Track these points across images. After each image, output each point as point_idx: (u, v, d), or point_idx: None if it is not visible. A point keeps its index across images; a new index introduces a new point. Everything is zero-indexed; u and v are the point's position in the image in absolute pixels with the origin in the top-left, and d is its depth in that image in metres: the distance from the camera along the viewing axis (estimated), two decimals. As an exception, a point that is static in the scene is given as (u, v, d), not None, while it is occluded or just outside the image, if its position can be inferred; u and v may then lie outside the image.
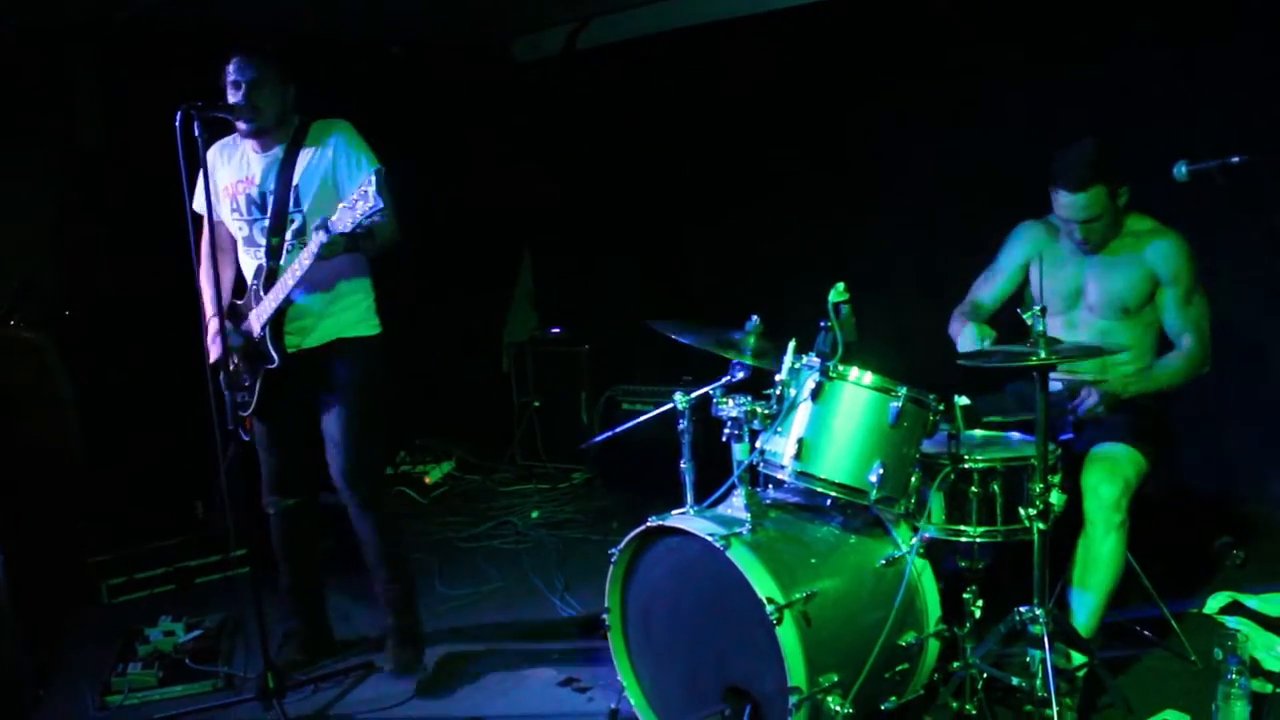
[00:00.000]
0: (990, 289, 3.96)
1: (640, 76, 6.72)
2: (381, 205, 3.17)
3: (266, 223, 3.61)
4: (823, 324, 3.24)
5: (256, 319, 3.60)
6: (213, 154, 3.73)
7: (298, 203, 3.59)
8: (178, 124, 3.21)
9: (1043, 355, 2.96)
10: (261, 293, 3.58)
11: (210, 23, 5.19)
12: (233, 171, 3.71)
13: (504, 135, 7.23)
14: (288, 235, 3.60)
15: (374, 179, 3.17)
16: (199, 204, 3.65)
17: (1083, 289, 3.73)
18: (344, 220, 3.27)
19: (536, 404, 6.68)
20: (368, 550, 3.90)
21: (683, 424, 3.38)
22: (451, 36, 6.70)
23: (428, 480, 6.43)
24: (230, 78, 3.53)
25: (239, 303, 3.70)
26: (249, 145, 3.68)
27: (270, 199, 3.60)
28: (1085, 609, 3.43)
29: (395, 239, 3.60)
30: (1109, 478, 3.40)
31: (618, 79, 6.83)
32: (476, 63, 7.06)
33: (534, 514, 5.84)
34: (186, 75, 3.77)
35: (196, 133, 3.25)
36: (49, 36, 5.22)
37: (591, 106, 7.07)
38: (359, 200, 3.21)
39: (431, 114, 6.66)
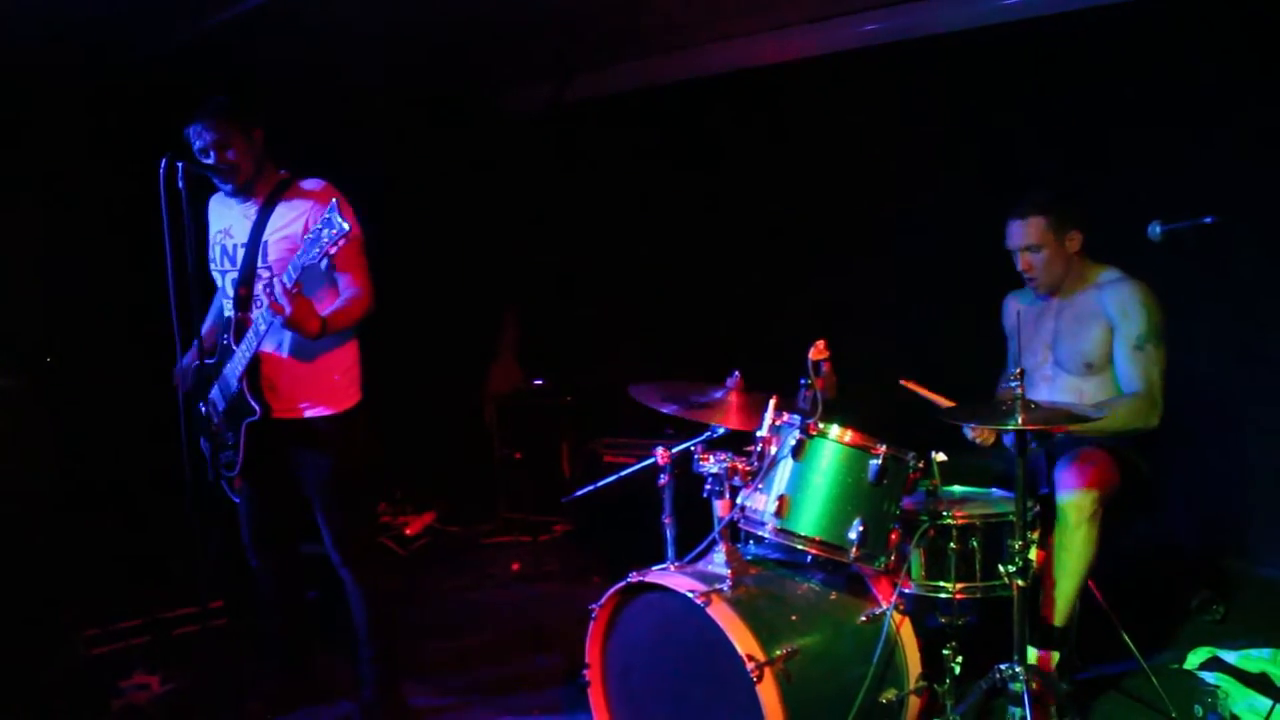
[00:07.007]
0: (1009, 359, 4.13)
1: (624, 131, 6.79)
2: (347, 229, 3.14)
3: (235, 275, 3.60)
4: (803, 381, 3.27)
5: (232, 372, 3.56)
6: (212, 203, 3.77)
7: (265, 258, 3.55)
8: (161, 171, 3.22)
9: (1019, 420, 3.01)
10: (233, 345, 3.55)
11: (201, 70, 5.22)
12: (217, 221, 3.74)
13: (488, 187, 7.27)
14: (257, 289, 3.55)
15: (334, 203, 3.17)
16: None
17: (1051, 344, 3.78)
18: (310, 253, 3.22)
19: (518, 456, 6.65)
20: (356, 623, 3.84)
21: (664, 479, 3.40)
22: (436, 88, 6.76)
23: (408, 532, 6.39)
24: (195, 145, 3.51)
25: (209, 363, 3.66)
26: (234, 198, 3.70)
27: (241, 252, 3.59)
28: (1056, 598, 3.47)
29: (368, 312, 3.57)
30: (1079, 471, 3.45)
31: (602, 133, 6.90)
32: (461, 115, 7.12)
33: (515, 566, 5.81)
34: (174, 123, 3.73)
35: (180, 184, 3.24)
36: (37, 80, 5.24)
37: (576, 160, 7.12)
38: (323, 229, 3.18)
39: (415, 165, 6.70)
